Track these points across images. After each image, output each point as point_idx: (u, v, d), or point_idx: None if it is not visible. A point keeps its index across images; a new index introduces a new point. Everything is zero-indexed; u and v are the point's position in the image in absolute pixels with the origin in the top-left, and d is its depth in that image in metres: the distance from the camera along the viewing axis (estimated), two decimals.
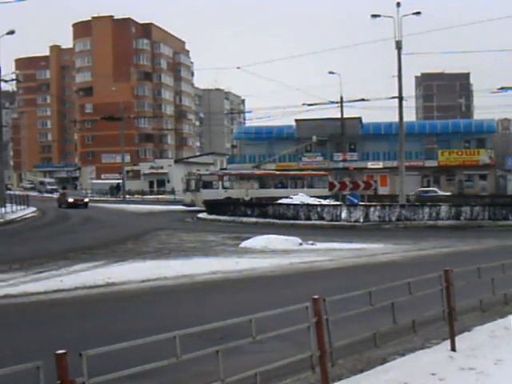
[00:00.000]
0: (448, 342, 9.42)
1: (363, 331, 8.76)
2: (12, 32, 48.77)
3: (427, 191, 63.71)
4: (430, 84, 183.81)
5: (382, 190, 72.80)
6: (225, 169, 62.48)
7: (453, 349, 9.26)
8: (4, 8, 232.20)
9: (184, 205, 57.45)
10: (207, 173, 59.81)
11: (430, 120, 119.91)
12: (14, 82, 58.88)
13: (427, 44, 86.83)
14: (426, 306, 9.77)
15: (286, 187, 62.20)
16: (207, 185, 56.54)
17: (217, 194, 55.23)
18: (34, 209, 53.94)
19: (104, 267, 19.70)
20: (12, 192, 71.99)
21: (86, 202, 65.36)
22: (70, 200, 63.63)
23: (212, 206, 47.99)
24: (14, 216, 45.23)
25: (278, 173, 66.79)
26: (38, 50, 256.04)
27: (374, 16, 43.23)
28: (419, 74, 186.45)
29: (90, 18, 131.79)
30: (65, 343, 5.61)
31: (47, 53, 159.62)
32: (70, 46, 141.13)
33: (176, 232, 33.48)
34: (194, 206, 54.47)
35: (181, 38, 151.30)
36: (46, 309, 13.85)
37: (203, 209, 52.74)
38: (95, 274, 18.12)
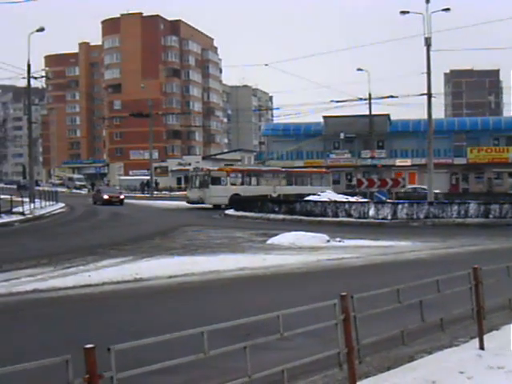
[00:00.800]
0: (476, 341, 9.34)
1: (391, 329, 8.71)
2: (42, 29, 49.10)
3: (415, 188, 63.06)
4: (459, 81, 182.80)
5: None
6: (231, 164, 60.46)
7: (481, 347, 9.18)
8: (34, 5, 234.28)
9: (189, 202, 55.84)
10: (215, 168, 57.71)
11: (459, 117, 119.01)
12: (44, 78, 59.17)
13: (457, 40, 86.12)
14: (455, 304, 9.70)
15: (291, 184, 60.81)
16: (215, 181, 54.51)
17: (225, 190, 53.94)
18: (63, 204, 54.29)
19: (132, 263, 19.78)
20: (42, 187, 72.46)
21: (122, 199, 63.40)
22: (105, 197, 62.24)
23: (239, 203, 48.07)
24: (42, 211, 45.55)
25: (283, 169, 64.38)
26: (67, 47, 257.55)
27: (403, 12, 43.04)
28: (448, 71, 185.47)
29: (118, 15, 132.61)
30: (93, 338, 5.64)
31: (76, 50, 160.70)
32: (99, 43, 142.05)
33: (203, 228, 33.54)
34: (201, 203, 53.67)
35: (209, 35, 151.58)
36: (74, 304, 13.93)
37: (210, 207, 53.41)
38: (123, 269, 18.20)
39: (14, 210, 42.05)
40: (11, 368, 4.63)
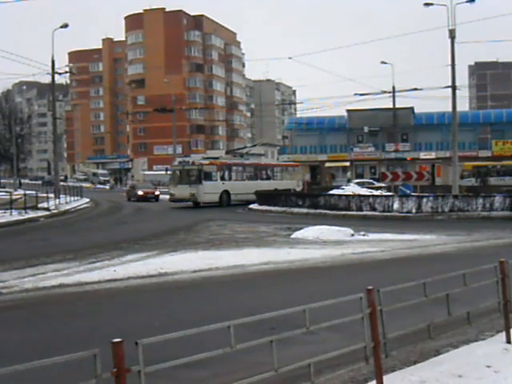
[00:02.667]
0: (503, 335, 9.28)
1: (417, 323, 8.68)
2: (65, 25, 49.34)
3: (363, 182, 62.59)
4: (483, 73, 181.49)
5: (435, 181, 72.14)
6: (217, 158, 53.29)
7: (508, 341, 9.13)
8: (58, 2, 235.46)
9: (174, 200, 49.29)
10: (207, 162, 49.77)
11: (484, 110, 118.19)
12: (68, 74, 59.56)
13: (481, 32, 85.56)
14: (481, 298, 9.65)
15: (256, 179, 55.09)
16: (208, 176, 48.53)
17: (216, 187, 48.79)
18: (87, 200, 54.60)
19: (156, 257, 19.85)
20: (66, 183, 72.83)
21: (157, 195, 60.88)
22: (140, 193, 59.97)
23: (263, 197, 48.09)
24: (67, 207, 45.84)
25: (263, 163, 60.74)
26: (90, 43, 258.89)
27: (427, 4, 42.81)
28: (473, 63, 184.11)
29: (141, 11, 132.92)
30: (119, 332, 5.68)
31: (100, 46, 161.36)
32: (123, 38, 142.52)
33: (227, 223, 33.57)
34: (187, 201, 48.29)
35: (232, 30, 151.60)
36: (99, 298, 14.01)
37: (191, 204, 48.50)
38: (148, 263, 18.27)
39: (40, 205, 42.37)
40: (40, 362, 4.67)
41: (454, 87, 42.88)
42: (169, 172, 52.38)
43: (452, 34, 41.32)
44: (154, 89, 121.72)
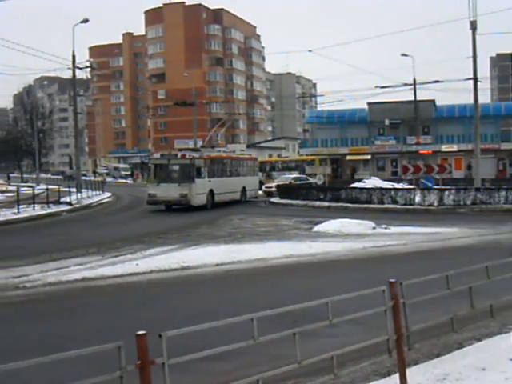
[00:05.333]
0: None
1: (440, 315, 8.67)
2: (86, 20, 49.48)
3: (299, 178, 62.01)
4: (505, 65, 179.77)
5: (457, 174, 71.67)
6: (197, 150, 44.51)
7: None
8: None
9: (154, 202, 39.46)
10: (197, 155, 40.25)
11: (506, 102, 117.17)
12: (89, 69, 59.71)
13: (503, 23, 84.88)
14: (504, 291, 9.63)
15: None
16: (199, 173, 39.10)
17: (204, 186, 39.64)
18: (109, 194, 54.78)
19: (179, 251, 19.92)
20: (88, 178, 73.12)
21: None
22: None
23: (284, 191, 48.10)
24: (89, 201, 46.00)
25: (225, 155, 47.41)
26: (110, 37, 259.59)
27: None
28: (494, 55, 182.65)
29: (161, 5, 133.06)
30: (142, 325, 5.70)
31: (120, 40, 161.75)
32: (142, 33, 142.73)
33: (249, 216, 33.58)
34: (175, 204, 39.34)
35: (252, 23, 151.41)
36: (122, 292, 14.09)
37: (163, 207, 39.87)
38: (170, 257, 18.33)
39: (62, 200, 42.57)
40: (65, 354, 4.72)
41: (475, 79, 42.59)
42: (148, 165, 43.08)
43: (473, 26, 41.00)
44: (174, 83, 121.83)
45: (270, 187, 54.76)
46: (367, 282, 9.56)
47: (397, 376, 7.02)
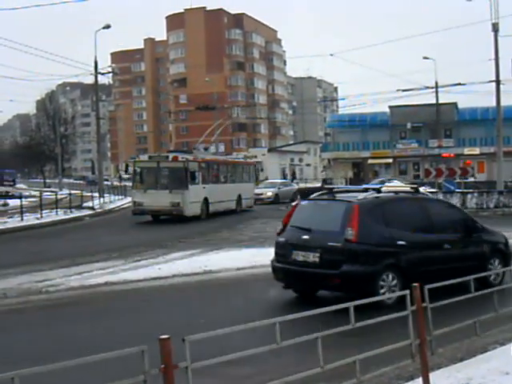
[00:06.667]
0: None
1: (463, 320, 8.62)
2: (108, 26, 49.76)
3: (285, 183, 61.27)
4: None
5: (479, 177, 71.23)
6: (190, 152, 37.69)
7: None
8: (99, 3, 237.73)
9: (141, 211, 33.80)
10: (191, 157, 34.93)
11: None
12: (111, 74, 59.99)
13: None
14: None
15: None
16: (193, 178, 33.71)
17: (198, 193, 34.29)
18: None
19: (200, 255, 19.96)
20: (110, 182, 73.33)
21: None
22: None
23: (307, 194, 48.04)
24: (112, 206, 46.19)
25: (220, 159, 44.51)
26: (132, 43, 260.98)
27: None
28: None
29: (182, 10, 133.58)
30: (165, 329, 5.73)
31: (142, 46, 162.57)
32: (164, 38, 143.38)
33: (271, 220, 33.47)
34: (165, 214, 34.18)
35: (273, 27, 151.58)
36: (145, 296, 14.14)
37: (149, 218, 34.42)
38: (192, 261, 18.38)
39: (84, 204, 42.80)
40: (90, 358, 4.75)
41: (498, 81, 42.33)
42: (131, 170, 37.36)
43: (495, 28, 40.77)
44: (195, 88, 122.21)
45: (260, 194, 48.61)
46: None
47: (420, 380, 7.00)
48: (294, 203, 15.13)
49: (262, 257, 18.91)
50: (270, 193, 49.65)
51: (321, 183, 74.96)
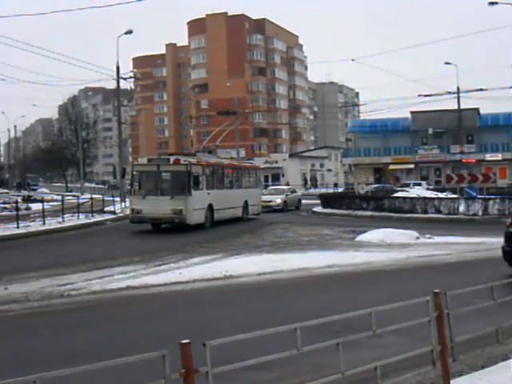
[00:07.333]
0: None
1: (485, 326, 8.57)
2: (130, 32, 50.06)
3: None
4: None
5: (501, 183, 70.88)
6: (193, 155, 35.81)
7: None
8: (121, 9, 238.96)
9: (142, 220, 31.47)
10: (194, 160, 32.52)
11: None
12: (132, 79, 60.30)
13: None
14: None
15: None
16: (196, 183, 31.25)
17: (201, 200, 31.93)
18: None
19: (221, 260, 19.98)
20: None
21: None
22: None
23: (327, 200, 48.04)
24: None
25: (226, 163, 40.75)
26: (154, 48, 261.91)
27: (492, 3, 42.27)
28: None
29: (204, 16, 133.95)
30: (185, 334, 5.74)
31: (163, 51, 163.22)
32: (185, 43, 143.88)
33: (291, 226, 33.55)
34: (165, 222, 31.79)
35: (294, 33, 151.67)
36: (166, 300, 14.17)
37: (149, 227, 32.14)
38: (213, 266, 18.39)
39: (106, 209, 43.00)
40: (111, 362, 4.77)
41: None
42: (129, 175, 35.46)
43: None
44: (217, 93, 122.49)
45: (269, 201, 46.87)
46: (411, 292, 9.50)
47: None
48: None
49: (281, 262, 19.05)
50: (279, 200, 47.92)
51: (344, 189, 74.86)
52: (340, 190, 72.32)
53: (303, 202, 53.03)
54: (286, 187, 56.29)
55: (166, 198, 30.51)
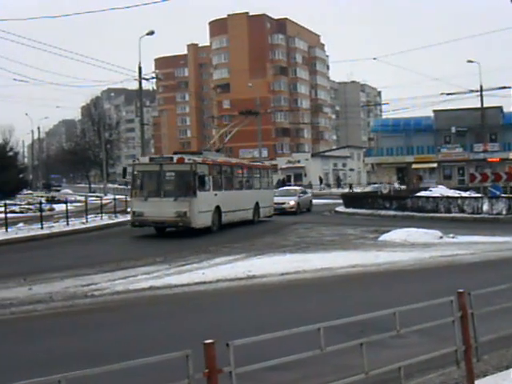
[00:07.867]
0: None
1: (509, 326, 8.52)
2: (152, 32, 50.12)
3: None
4: None
5: None
6: (200, 153, 34.19)
7: None
8: (143, 10, 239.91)
9: (144, 223, 29.56)
10: (199, 159, 30.40)
11: None
12: (154, 80, 60.43)
13: None
14: None
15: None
16: (202, 183, 29.05)
17: (208, 201, 30.00)
18: None
19: (244, 260, 20.00)
20: None
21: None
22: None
23: (350, 200, 47.96)
24: None
25: (234, 161, 38.16)
26: (176, 49, 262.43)
27: None
28: None
29: (225, 16, 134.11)
30: (208, 333, 5.75)
31: (185, 51, 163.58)
32: (207, 43, 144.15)
33: (314, 226, 33.50)
34: (168, 226, 30.04)
35: (316, 32, 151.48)
36: (189, 300, 14.21)
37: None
38: (236, 266, 18.41)
39: (129, 209, 43.07)
40: (135, 362, 4.79)
41: None
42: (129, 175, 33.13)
43: None
44: (238, 93, 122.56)
45: (282, 203, 44.23)
46: (435, 292, 9.46)
47: None
48: None
49: (304, 262, 19.03)
50: (292, 202, 45.32)
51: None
52: (366, 189, 72.14)
53: (319, 202, 52.57)
54: (298, 188, 54.45)
55: (170, 200, 28.64)
